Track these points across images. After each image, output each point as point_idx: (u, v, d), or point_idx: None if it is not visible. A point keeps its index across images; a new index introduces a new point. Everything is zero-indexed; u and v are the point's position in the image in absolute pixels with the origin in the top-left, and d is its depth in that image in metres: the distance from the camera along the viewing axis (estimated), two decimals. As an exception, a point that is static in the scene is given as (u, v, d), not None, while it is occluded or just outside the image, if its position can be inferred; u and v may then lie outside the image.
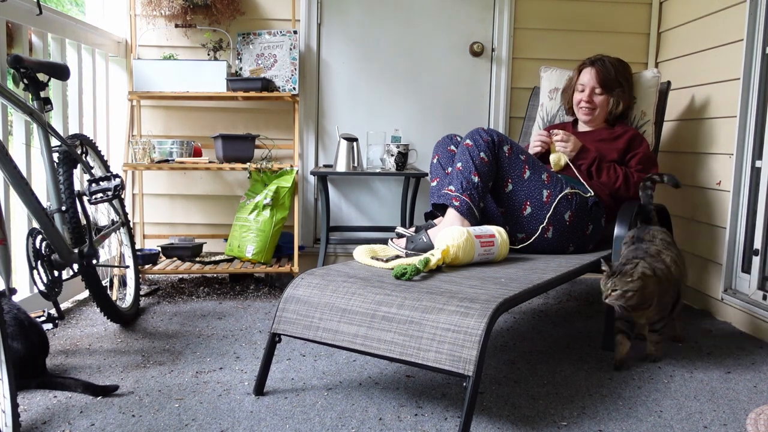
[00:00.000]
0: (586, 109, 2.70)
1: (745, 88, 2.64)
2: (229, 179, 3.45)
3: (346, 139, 3.17)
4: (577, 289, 3.28)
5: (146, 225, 3.40)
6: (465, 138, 2.39)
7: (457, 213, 2.27)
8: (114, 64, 3.31)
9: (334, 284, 1.86)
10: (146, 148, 3.02)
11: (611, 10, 3.47)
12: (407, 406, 1.83)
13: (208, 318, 2.66)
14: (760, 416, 1.78)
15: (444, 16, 3.47)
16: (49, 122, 2.17)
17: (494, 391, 1.95)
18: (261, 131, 3.37)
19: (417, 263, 1.92)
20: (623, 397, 1.93)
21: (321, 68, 3.46)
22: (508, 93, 3.49)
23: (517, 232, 2.42)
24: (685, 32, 3.18)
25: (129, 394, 1.87)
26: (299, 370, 2.10)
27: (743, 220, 2.68)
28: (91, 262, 2.24)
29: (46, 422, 1.69)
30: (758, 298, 2.55)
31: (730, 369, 2.19)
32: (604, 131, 2.71)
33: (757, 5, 2.59)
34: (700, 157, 2.99)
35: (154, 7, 3.21)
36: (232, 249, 3.12)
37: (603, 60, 2.71)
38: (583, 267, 2.22)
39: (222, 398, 1.86)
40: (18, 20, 2.36)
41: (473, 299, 1.67)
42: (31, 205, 1.92)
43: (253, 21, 3.38)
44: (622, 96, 2.71)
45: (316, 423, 1.72)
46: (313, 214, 3.51)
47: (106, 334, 2.42)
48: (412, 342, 1.64)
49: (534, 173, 2.39)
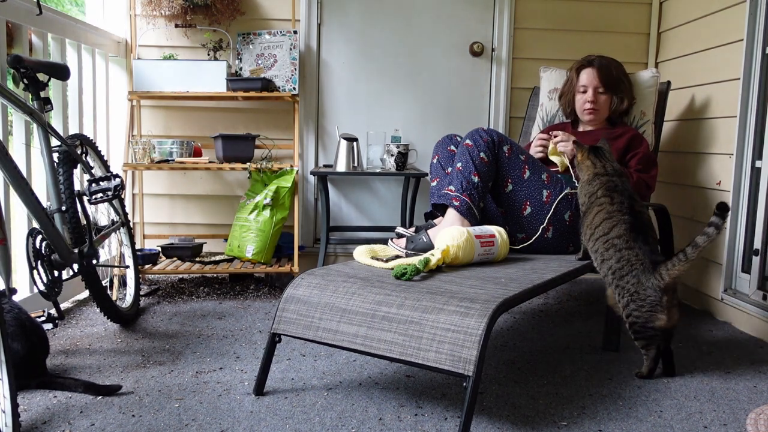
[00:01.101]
0: (591, 110, 2.69)
1: (745, 88, 2.64)
2: (229, 179, 3.45)
3: (346, 139, 3.17)
4: (577, 289, 3.28)
5: (146, 225, 3.40)
6: (465, 138, 2.39)
7: (457, 213, 2.27)
8: (114, 64, 3.31)
9: (334, 284, 1.86)
10: (146, 148, 3.02)
11: (611, 10, 3.47)
12: (407, 406, 1.83)
13: (208, 318, 2.66)
14: (760, 416, 1.78)
15: (444, 16, 3.47)
16: (49, 122, 2.17)
17: (494, 391, 1.95)
18: (261, 131, 3.37)
19: (417, 263, 1.92)
20: (623, 397, 1.93)
21: (321, 68, 3.46)
22: (508, 93, 3.49)
23: (517, 232, 2.42)
24: (685, 32, 3.18)
25: (129, 394, 1.87)
26: (299, 370, 2.10)
27: (743, 220, 2.68)
28: (91, 262, 2.24)
29: (46, 422, 1.69)
30: (758, 298, 2.55)
31: (730, 369, 2.19)
32: (604, 131, 2.70)
33: (757, 5, 2.59)
34: (700, 157, 2.99)
35: (154, 7, 3.21)
36: (232, 249, 3.12)
37: (600, 59, 2.71)
38: (583, 267, 2.22)
39: (222, 398, 1.86)
40: (18, 20, 2.36)
41: (473, 299, 1.67)
42: (31, 205, 1.92)
43: (253, 21, 3.38)
44: (624, 93, 2.71)
45: (316, 423, 1.72)
46: (313, 214, 3.51)
47: (106, 334, 2.43)
48: (412, 342, 1.64)
49: (534, 173, 2.39)
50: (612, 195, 2.12)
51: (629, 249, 2.03)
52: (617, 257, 2.04)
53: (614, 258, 2.05)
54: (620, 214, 2.08)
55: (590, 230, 2.14)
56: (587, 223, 2.17)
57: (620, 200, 2.11)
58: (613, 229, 2.07)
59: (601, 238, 2.09)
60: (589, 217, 2.15)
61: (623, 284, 2.03)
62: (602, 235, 2.09)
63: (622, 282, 2.03)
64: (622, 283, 2.04)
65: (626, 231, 2.05)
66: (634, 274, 2.01)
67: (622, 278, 2.03)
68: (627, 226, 2.06)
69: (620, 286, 2.04)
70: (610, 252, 2.06)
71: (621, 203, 2.11)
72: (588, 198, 2.19)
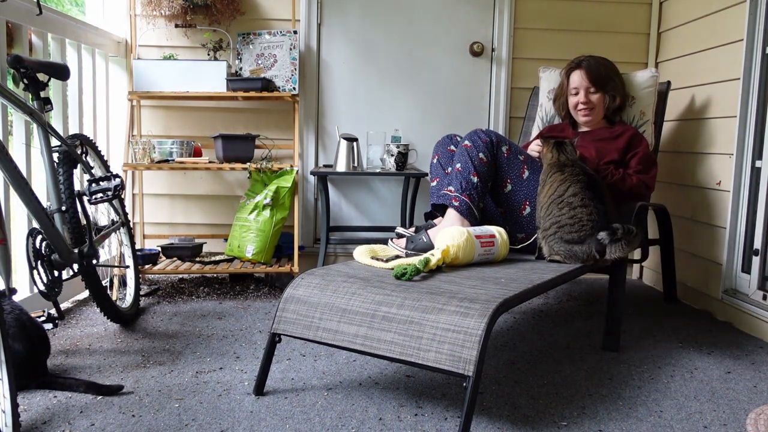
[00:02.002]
0: (585, 110, 2.70)
1: (745, 88, 2.64)
2: (229, 179, 3.45)
3: (346, 139, 3.17)
4: (577, 289, 3.28)
5: (146, 225, 3.40)
6: (464, 139, 2.39)
7: (457, 213, 2.27)
8: (114, 64, 3.31)
9: (334, 284, 1.86)
10: (146, 148, 3.02)
11: (611, 10, 3.47)
12: (407, 406, 1.83)
13: (208, 318, 2.66)
14: (760, 416, 1.78)
15: (444, 16, 3.47)
16: (49, 122, 2.17)
17: (494, 391, 1.95)
18: (261, 131, 3.37)
19: (417, 263, 1.92)
20: (623, 397, 1.93)
21: (321, 68, 3.46)
22: (508, 93, 3.49)
23: (517, 232, 2.42)
24: (685, 32, 3.18)
25: (129, 394, 1.87)
26: (299, 370, 2.10)
27: (743, 220, 2.68)
28: (91, 262, 2.24)
29: (46, 422, 1.69)
30: (758, 298, 2.55)
31: (730, 369, 2.19)
32: (604, 131, 2.71)
33: (757, 5, 2.59)
34: (700, 157, 2.99)
35: (154, 7, 3.21)
36: (232, 249, 3.12)
37: (588, 59, 2.72)
38: (583, 267, 2.22)
39: (222, 398, 1.86)
40: (18, 20, 2.36)
41: (473, 299, 1.67)
42: (31, 205, 1.92)
43: (253, 21, 3.38)
44: (615, 90, 2.71)
45: (316, 423, 1.72)
46: (313, 214, 3.51)
47: (106, 334, 2.43)
48: (412, 342, 1.64)
49: (533, 173, 2.39)
50: (563, 169, 2.23)
51: (584, 207, 2.13)
52: (570, 215, 2.13)
53: (566, 215, 2.13)
54: (573, 176, 2.19)
55: (545, 201, 2.22)
56: (541, 202, 2.24)
57: (571, 170, 2.22)
58: (567, 189, 2.16)
59: (555, 201, 2.17)
60: (542, 194, 2.23)
61: (565, 236, 2.14)
62: (557, 197, 2.17)
63: (566, 235, 2.14)
64: (565, 235, 2.14)
65: (581, 189, 2.15)
66: (581, 235, 2.12)
67: (568, 233, 2.13)
68: (581, 185, 2.16)
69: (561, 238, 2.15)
70: (564, 210, 2.14)
71: (573, 170, 2.21)
72: (542, 180, 2.28)
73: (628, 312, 2.82)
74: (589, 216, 2.11)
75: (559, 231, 2.14)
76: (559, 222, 2.15)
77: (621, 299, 2.33)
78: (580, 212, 2.12)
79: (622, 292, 2.34)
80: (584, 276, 2.46)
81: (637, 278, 3.59)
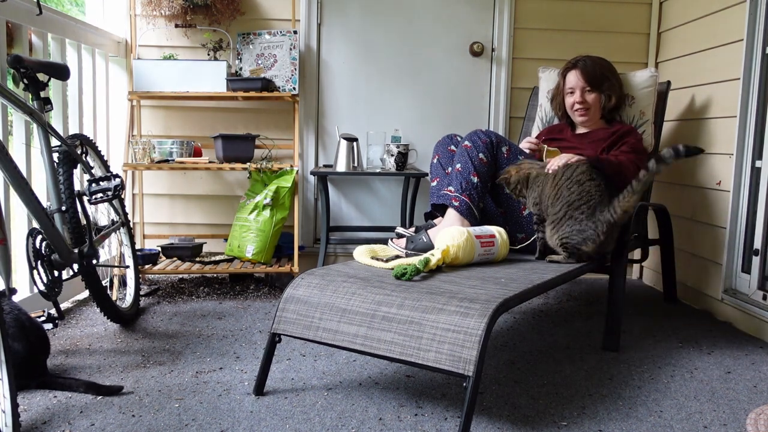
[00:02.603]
0: (582, 110, 2.70)
1: (745, 88, 2.64)
2: (229, 179, 3.45)
3: (346, 139, 3.17)
4: (577, 289, 3.28)
5: (146, 225, 3.40)
6: (464, 139, 2.40)
7: (457, 213, 2.27)
8: (114, 64, 3.31)
9: (334, 284, 1.86)
10: (146, 148, 3.02)
11: (611, 10, 3.47)
12: (407, 406, 1.83)
13: (208, 318, 2.66)
14: (760, 416, 1.78)
15: (444, 16, 3.47)
16: (49, 122, 2.17)
17: (494, 391, 1.95)
18: (261, 131, 3.37)
19: (417, 263, 1.92)
20: (623, 397, 1.93)
21: (321, 68, 3.46)
22: (508, 93, 3.49)
23: (517, 232, 2.42)
24: (685, 32, 3.18)
25: (129, 394, 1.87)
26: (299, 370, 2.10)
27: (743, 220, 2.68)
28: (91, 262, 2.24)
29: (46, 422, 1.69)
30: (758, 298, 2.55)
31: (730, 369, 2.19)
32: (602, 131, 2.70)
33: (757, 5, 2.59)
34: (700, 157, 2.98)
35: (154, 7, 3.21)
36: (232, 249, 3.12)
37: (584, 59, 2.72)
38: (583, 267, 2.22)
39: (222, 398, 1.86)
40: (18, 20, 2.36)
41: (473, 299, 1.67)
42: (31, 205, 1.92)
43: (253, 21, 3.38)
44: (611, 89, 2.71)
45: (316, 423, 1.72)
46: (313, 214, 3.51)
47: (106, 334, 2.43)
48: (412, 342, 1.64)
49: (534, 173, 2.39)
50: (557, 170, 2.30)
51: (591, 180, 2.19)
52: (578, 191, 2.18)
53: (575, 192, 2.18)
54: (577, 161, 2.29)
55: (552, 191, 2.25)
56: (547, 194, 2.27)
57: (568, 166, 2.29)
58: (575, 171, 2.22)
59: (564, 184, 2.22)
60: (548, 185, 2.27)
61: (576, 215, 2.17)
62: (566, 180, 2.22)
63: (576, 213, 2.17)
64: (576, 214, 2.17)
65: (588, 167, 2.23)
66: (590, 205, 2.16)
67: (577, 209, 2.16)
68: (587, 164, 2.26)
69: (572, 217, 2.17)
70: (573, 188, 2.19)
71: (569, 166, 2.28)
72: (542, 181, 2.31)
73: (628, 312, 2.82)
74: (597, 188, 2.20)
75: (569, 209, 2.19)
76: (569, 200, 2.19)
77: (621, 299, 2.33)
78: (588, 185, 2.19)
79: (622, 292, 2.34)
80: (584, 276, 2.46)
81: (637, 278, 3.59)
